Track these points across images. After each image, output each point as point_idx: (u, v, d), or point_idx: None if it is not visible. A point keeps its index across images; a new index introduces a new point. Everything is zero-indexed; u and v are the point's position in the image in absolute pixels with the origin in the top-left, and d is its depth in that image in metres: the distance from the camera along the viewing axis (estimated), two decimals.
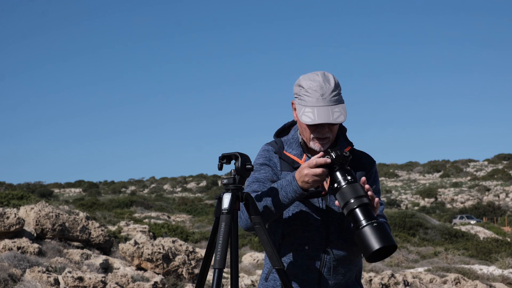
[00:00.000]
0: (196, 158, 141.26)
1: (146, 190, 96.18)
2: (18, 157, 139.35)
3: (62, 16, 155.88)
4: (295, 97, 2.82)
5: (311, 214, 2.78)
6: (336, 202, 2.62)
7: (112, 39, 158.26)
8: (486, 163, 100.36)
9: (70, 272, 8.07)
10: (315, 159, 2.62)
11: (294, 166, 2.81)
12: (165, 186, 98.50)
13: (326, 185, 2.80)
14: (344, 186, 2.60)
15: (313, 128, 2.75)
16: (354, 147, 2.92)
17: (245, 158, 2.69)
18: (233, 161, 2.71)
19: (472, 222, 43.83)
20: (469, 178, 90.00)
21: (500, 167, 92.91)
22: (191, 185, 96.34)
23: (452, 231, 28.55)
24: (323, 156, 2.65)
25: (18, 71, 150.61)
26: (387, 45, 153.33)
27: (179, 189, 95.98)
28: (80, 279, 7.99)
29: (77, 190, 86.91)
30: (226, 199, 2.67)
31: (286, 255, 2.81)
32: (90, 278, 8.02)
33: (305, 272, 2.77)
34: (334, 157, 2.63)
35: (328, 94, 2.72)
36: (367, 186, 2.62)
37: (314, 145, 2.78)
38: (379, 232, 2.52)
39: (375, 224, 2.53)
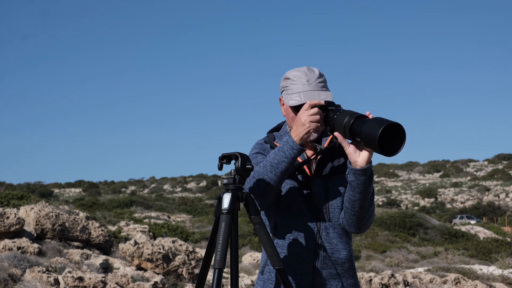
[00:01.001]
0: (196, 158, 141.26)
1: (146, 190, 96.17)
2: (18, 157, 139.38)
3: (62, 16, 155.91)
4: (282, 91, 2.85)
5: (301, 202, 2.77)
6: (336, 133, 2.60)
7: (112, 39, 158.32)
8: (486, 163, 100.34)
9: (70, 272, 8.07)
10: (309, 101, 2.65)
11: None
12: (165, 186, 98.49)
13: (309, 154, 2.82)
14: (338, 115, 2.61)
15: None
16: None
17: (245, 158, 2.69)
18: (233, 161, 2.71)
19: (472, 222, 43.84)
20: (469, 178, 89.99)
21: (500, 167, 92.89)
22: (191, 185, 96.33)
23: (452, 231, 28.56)
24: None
25: (18, 71, 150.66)
26: (387, 44, 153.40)
27: (179, 189, 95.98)
28: (80, 279, 7.99)
29: (77, 190, 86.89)
30: (226, 199, 2.67)
31: (279, 246, 2.80)
32: (90, 278, 8.02)
33: (299, 261, 2.76)
34: (326, 103, 2.66)
35: (313, 80, 2.76)
36: (370, 114, 2.58)
37: None
38: (379, 119, 2.48)
39: (374, 116, 2.52)
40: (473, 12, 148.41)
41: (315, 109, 2.63)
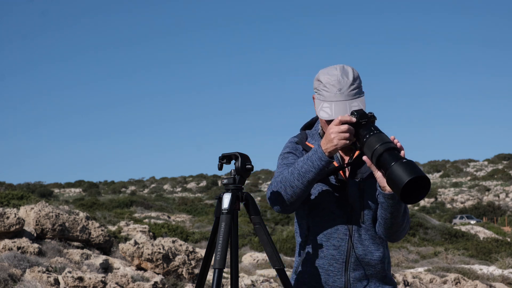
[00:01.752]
0: (196, 158, 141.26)
1: (146, 190, 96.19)
2: (18, 157, 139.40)
3: (62, 16, 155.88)
4: (315, 92, 2.81)
5: (334, 204, 2.76)
6: (364, 157, 2.57)
7: (112, 39, 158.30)
8: (486, 163, 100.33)
9: (70, 272, 8.06)
10: (340, 117, 2.60)
11: None
12: (165, 186, 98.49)
13: (346, 158, 2.79)
14: (371, 136, 2.55)
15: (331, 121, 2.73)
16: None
17: (245, 158, 2.69)
18: (233, 161, 2.71)
19: (472, 222, 43.82)
20: (469, 178, 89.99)
21: (500, 167, 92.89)
22: (191, 185, 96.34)
23: (452, 231, 28.55)
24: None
25: (18, 71, 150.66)
26: (387, 45, 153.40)
27: (179, 189, 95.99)
28: (80, 279, 7.99)
29: (77, 190, 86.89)
30: (226, 199, 2.66)
31: (312, 247, 2.79)
32: (90, 278, 8.02)
33: (331, 263, 2.75)
34: (358, 115, 2.59)
35: (346, 88, 2.71)
36: (395, 139, 2.57)
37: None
38: (409, 167, 2.43)
39: (404, 161, 2.46)
40: (473, 13, 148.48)
41: (345, 127, 2.58)
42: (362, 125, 2.60)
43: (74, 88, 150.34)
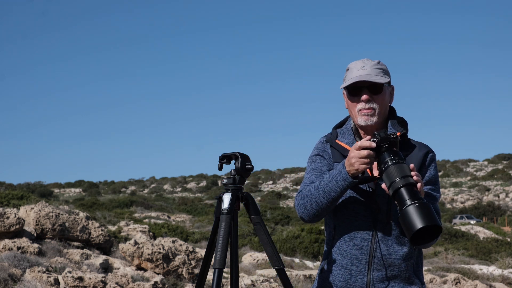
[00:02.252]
0: (196, 158, 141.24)
1: (146, 190, 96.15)
2: (18, 157, 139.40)
3: (62, 16, 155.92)
4: (343, 85, 2.80)
5: (359, 203, 2.74)
6: (383, 185, 2.55)
7: (112, 39, 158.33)
8: (486, 163, 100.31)
9: (70, 272, 8.07)
10: (359, 142, 2.58)
11: (345, 154, 2.78)
12: (165, 186, 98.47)
13: (375, 171, 2.74)
14: (391, 166, 2.52)
15: (356, 98, 2.73)
16: (407, 134, 2.84)
17: (245, 158, 2.69)
18: (233, 161, 2.71)
19: (472, 222, 43.80)
20: (469, 178, 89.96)
21: (500, 167, 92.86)
22: (191, 185, 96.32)
23: (452, 231, 28.54)
24: (370, 140, 2.59)
25: (18, 71, 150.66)
26: (387, 45, 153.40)
27: (179, 189, 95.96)
28: (80, 279, 7.99)
29: (77, 190, 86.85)
30: (226, 199, 2.67)
31: (337, 247, 2.78)
32: (90, 278, 8.02)
33: (354, 263, 2.73)
34: (379, 138, 2.56)
35: (369, 65, 2.73)
36: (413, 168, 2.54)
37: (361, 119, 2.73)
38: (423, 212, 2.41)
39: (416, 204, 2.43)
40: (473, 14, 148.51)
41: (365, 152, 2.56)
42: (384, 149, 2.57)
43: (74, 88, 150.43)
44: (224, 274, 9.95)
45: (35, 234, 10.33)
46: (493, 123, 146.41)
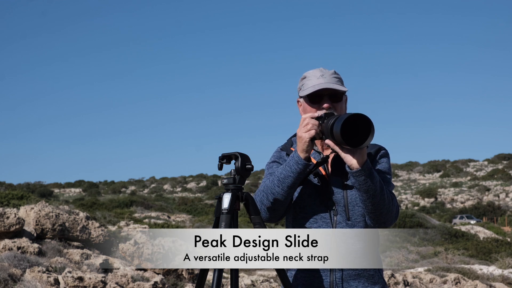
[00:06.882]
0: (196, 158, 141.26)
1: (146, 190, 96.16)
2: (18, 157, 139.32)
3: (62, 16, 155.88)
4: (299, 91, 2.87)
5: (316, 204, 2.77)
6: (327, 140, 2.64)
7: (112, 39, 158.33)
8: (486, 163, 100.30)
9: (70, 272, 8.07)
10: (303, 116, 2.69)
11: None
12: (165, 186, 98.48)
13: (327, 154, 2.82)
14: (326, 120, 2.64)
15: (316, 105, 2.79)
16: None
17: (245, 158, 2.69)
18: (233, 161, 2.72)
19: (472, 222, 43.81)
20: (469, 178, 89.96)
21: (500, 167, 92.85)
22: (191, 185, 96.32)
23: (452, 231, 28.55)
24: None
25: (18, 71, 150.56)
26: (386, 45, 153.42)
27: (179, 189, 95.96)
28: (80, 279, 7.99)
29: (77, 190, 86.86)
30: (226, 199, 2.67)
31: None
32: (90, 278, 8.02)
33: None
34: (324, 114, 2.69)
35: (328, 74, 2.80)
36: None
37: None
38: (351, 113, 2.54)
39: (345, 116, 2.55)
40: (472, 14, 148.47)
41: (307, 119, 2.65)
42: (326, 119, 2.67)
43: (74, 88, 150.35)
44: (224, 274, 9.95)
45: (35, 234, 10.34)
46: (493, 123, 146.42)
